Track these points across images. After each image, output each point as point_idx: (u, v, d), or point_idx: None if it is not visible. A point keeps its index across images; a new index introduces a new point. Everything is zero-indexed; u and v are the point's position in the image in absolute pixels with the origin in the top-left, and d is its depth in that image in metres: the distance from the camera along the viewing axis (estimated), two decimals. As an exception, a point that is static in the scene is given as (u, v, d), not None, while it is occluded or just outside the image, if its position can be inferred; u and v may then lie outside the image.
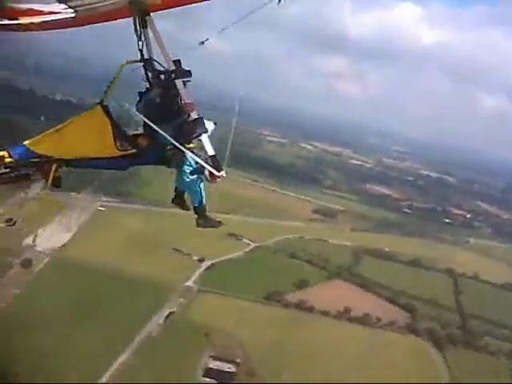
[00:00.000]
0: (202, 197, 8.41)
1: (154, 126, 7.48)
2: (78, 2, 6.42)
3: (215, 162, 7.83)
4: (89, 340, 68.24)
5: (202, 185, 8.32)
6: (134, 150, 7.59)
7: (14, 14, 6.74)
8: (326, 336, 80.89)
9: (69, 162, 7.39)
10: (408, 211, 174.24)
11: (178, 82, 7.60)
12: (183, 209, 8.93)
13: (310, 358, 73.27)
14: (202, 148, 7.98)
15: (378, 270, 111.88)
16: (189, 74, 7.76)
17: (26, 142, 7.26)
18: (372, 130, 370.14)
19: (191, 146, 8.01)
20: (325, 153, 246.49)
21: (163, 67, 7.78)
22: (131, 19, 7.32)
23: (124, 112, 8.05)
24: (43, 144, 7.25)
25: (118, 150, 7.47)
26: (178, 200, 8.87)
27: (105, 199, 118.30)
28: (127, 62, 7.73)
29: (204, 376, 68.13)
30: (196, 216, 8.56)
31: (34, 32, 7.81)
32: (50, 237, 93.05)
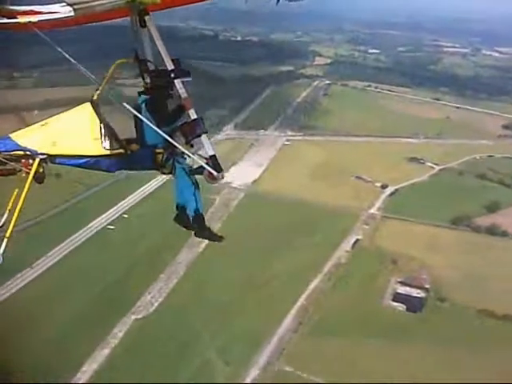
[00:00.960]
0: (197, 204, 7.81)
1: (151, 124, 7.18)
2: (76, 0, 6.21)
3: (215, 162, 7.48)
4: (285, 267, 73.37)
5: (197, 192, 7.79)
6: (121, 150, 7.24)
7: (13, 13, 6.66)
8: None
9: (53, 158, 7.07)
10: None
11: (177, 82, 7.29)
12: (187, 228, 8.23)
13: (505, 284, 69.77)
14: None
15: None
16: (188, 73, 7.43)
17: (11, 134, 7.01)
18: None
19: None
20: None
21: (155, 66, 7.50)
22: None
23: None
24: (28, 137, 6.99)
25: (105, 148, 7.14)
26: (181, 217, 8.12)
27: (290, 133, 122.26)
28: (120, 62, 7.48)
29: (393, 300, 69.13)
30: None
31: None
32: (243, 173, 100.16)
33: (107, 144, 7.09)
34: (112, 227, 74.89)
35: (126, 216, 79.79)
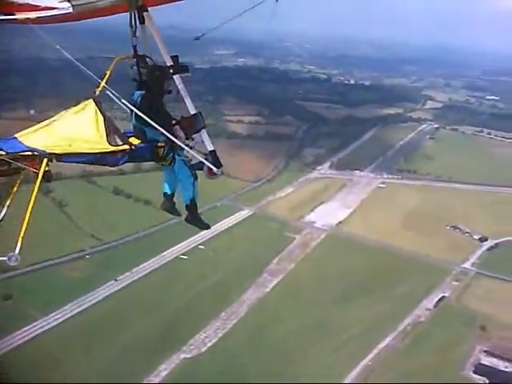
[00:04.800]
0: (193, 194, 7.18)
1: (149, 120, 6.51)
2: None
3: (214, 157, 6.89)
4: (356, 318, 64.48)
5: (196, 183, 7.11)
6: (125, 146, 6.46)
7: (11, 9, 6.24)
8: None
9: (60, 157, 6.19)
10: None
11: (177, 78, 6.66)
12: (173, 214, 7.73)
13: None
14: None
15: None
16: (187, 69, 6.83)
17: (16, 135, 6.32)
18: None
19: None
20: None
21: (153, 62, 6.95)
22: None
23: None
24: (34, 137, 6.27)
25: (110, 145, 6.37)
26: (167, 204, 7.57)
27: (386, 176, 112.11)
28: (120, 58, 6.73)
29: (474, 372, 56.60)
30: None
31: None
32: (329, 214, 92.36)
33: (112, 140, 6.44)
34: (185, 257, 70.61)
35: (201, 247, 75.51)
